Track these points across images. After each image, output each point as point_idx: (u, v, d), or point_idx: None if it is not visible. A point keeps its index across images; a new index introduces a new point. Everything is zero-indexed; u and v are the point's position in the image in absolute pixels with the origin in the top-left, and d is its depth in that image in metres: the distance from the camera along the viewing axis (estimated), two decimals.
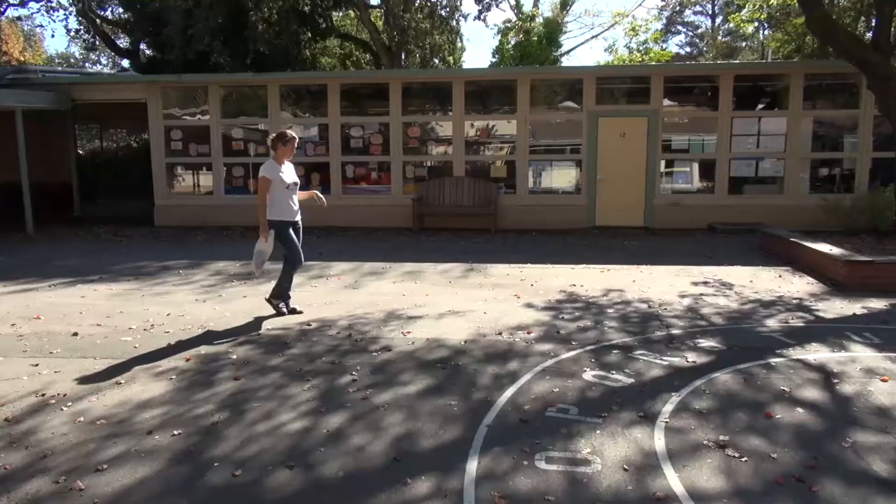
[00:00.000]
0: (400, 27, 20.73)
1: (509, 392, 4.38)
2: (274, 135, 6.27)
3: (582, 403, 4.19)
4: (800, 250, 8.90)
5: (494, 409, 4.12)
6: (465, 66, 29.56)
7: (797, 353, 5.16)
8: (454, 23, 24.36)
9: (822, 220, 10.19)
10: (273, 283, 6.55)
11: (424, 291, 7.45)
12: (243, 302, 7.00)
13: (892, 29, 9.44)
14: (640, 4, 73.65)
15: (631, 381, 4.57)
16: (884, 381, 4.54)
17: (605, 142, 12.76)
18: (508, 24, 28.45)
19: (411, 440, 3.71)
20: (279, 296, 6.40)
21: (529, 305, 6.78)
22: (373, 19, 23.17)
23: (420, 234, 12.33)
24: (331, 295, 7.32)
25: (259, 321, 6.21)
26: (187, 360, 5.09)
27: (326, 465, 3.42)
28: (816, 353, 5.16)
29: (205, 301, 7.05)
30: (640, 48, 29.80)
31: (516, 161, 13.04)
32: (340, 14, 24.74)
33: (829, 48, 13.93)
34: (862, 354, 5.12)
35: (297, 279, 8.11)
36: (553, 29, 27.90)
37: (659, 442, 3.64)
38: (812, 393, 4.34)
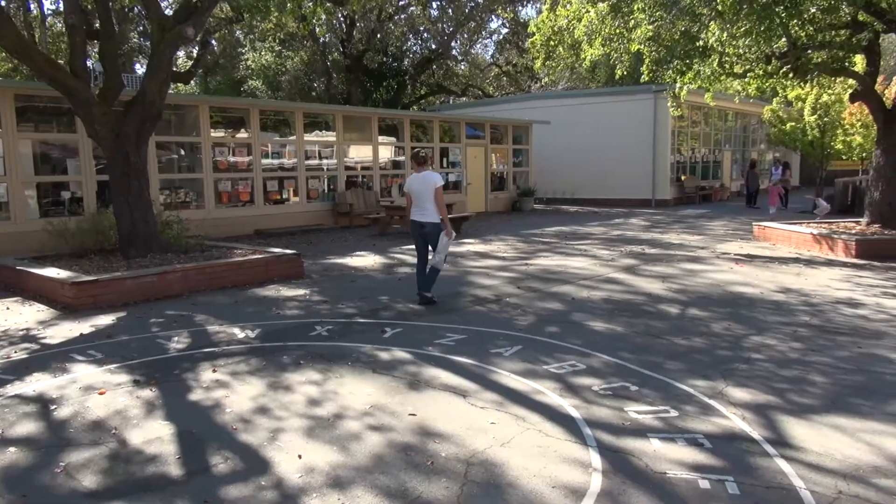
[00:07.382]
0: None
1: None
2: (425, 153, 7.88)
3: None
4: (29, 278, 8.54)
5: None
6: None
7: (16, 388, 4.88)
8: None
9: (52, 245, 9.97)
10: None
11: None
12: None
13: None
14: None
15: None
16: (101, 393, 4.74)
17: None
18: None
19: None
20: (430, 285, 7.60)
21: None
22: None
23: None
24: None
25: None
26: None
27: None
28: (37, 383, 5.00)
29: None
30: None
31: None
32: None
33: None
34: (83, 373, 5.24)
35: None
36: None
37: None
38: (27, 427, 4.16)
